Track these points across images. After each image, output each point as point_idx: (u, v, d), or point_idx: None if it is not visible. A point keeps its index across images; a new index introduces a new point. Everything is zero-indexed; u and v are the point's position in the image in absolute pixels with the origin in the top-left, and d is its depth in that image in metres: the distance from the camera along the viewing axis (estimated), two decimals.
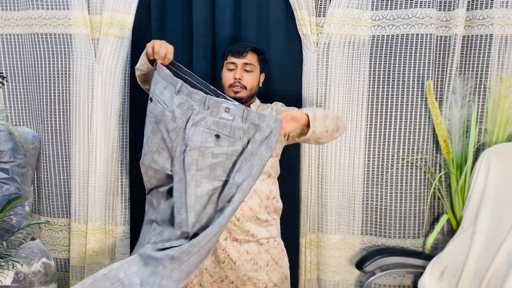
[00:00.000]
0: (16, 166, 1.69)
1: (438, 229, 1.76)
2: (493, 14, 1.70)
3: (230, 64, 1.60)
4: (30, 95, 1.91)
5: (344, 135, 1.84)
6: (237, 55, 1.58)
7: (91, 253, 1.88)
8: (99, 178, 1.85)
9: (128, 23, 1.81)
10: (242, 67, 1.59)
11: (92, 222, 1.87)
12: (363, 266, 1.73)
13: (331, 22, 1.78)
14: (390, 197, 1.83)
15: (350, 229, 1.89)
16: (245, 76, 1.59)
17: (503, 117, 1.68)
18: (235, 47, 1.60)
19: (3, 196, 1.63)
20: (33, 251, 1.59)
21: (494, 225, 1.56)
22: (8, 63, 1.90)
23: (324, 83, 1.81)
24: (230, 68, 1.60)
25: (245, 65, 1.59)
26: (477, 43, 1.75)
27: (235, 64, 1.59)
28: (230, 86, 1.59)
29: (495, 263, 1.49)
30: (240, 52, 1.58)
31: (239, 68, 1.58)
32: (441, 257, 1.65)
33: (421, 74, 1.76)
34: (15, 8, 1.85)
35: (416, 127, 1.79)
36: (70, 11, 1.79)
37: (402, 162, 1.81)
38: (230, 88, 1.59)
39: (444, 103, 1.78)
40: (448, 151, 1.75)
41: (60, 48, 1.83)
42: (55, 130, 1.87)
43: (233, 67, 1.59)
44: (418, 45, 1.74)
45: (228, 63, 1.61)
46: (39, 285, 1.56)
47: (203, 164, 1.35)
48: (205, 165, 1.35)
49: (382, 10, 1.78)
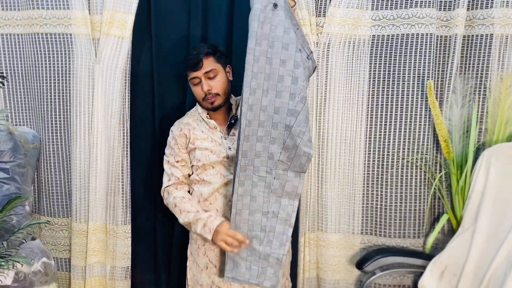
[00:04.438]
0: (16, 166, 1.69)
1: (438, 229, 1.76)
2: (494, 14, 1.70)
3: (193, 79, 1.58)
4: (30, 95, 1.91)
5: (344, 135, 1.83)
6: (194, 69, 1.55)
7: (92, 253, 1.88)
8: (99, 177, 1.85)
9: (128, 23, 1.80)
10: (205, 77, 1.56)
11: (93, 221, 1.87)
12: (363, 266, 1.73)
13: (331, 22, 1.78)
14: (390, 196, 1.83)
15: (350, 228, 1.89)
16: (213, 84, 1.56)
17: (503, 116, 1.68)
18: (188, 61, 1.57)
19: (3, 196, 1.63)
20: (33, 251, 1.60)
21: (494, 225, 1.56)
22: (8, 63, 1.90)
23: (324, 83, 1.81)
24: (195, 83, 1.58)
25: (206, 74, 1.56)
26: (478, 43, 1.74)
27: (197, 77, 1.57)
28: (203, 100, 1.58)
29: (495, 263, 1.49)
30: (195, 65, 1.55)
31: (203, 80, 1.56)
32: (441, 257, 1.65)
33: (422, 74, 1.76)
34: (15, 8, 1.85)
35: (416, 126, 1.79)
36: (71, 11, 1.79)
37: (402, 162, 1.81)
38: (205, 101, 1.58)
39: (444, 103, 1.78)
40: (449, 151, 1.75)
41: (61, 48, 1.83)
42: (55, 130, 1.87)
43: (197, 81, 1.57)
44: (418, 45, 1.74)
45: (191, 79, 1.59)
46: (39, 285, 1.56)
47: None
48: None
49: (382, 10, 1.78)
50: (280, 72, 1.43)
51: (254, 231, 1.50)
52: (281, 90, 1.43)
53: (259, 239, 1.51)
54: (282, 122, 1.45)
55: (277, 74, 1.43)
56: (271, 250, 1.50)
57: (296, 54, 1.43)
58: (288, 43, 1.43)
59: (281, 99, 1.44)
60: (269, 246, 1.50)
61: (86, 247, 1.88)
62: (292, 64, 1.43)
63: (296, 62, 1.43)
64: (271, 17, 1.42)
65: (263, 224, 1.49)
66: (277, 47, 1.42)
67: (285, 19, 1.43)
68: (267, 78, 1.43)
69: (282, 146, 1.46)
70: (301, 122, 1.43)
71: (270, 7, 1.41)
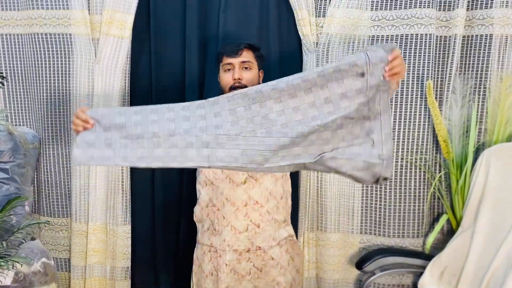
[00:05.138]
0: (16, 166, 1.69)
1: (438, 229, 1.76)
2: (493, 14, 1.70)
3: (227, 65, 1.52)
4: (30, 95, 1.91)
5: None
6: (232, 55, 1.51)
7: (92, 253, 1.88)
8: (99, 178, 1.85)
9: (128, 23, 1.80)
10: (240, 66, 1.51)
11: (93, 222, 1.87)
12: (363, 266, 1.73)
13: (331, 22, 1.78)
14: (389, 196, 1.83)
15: (350, 228, 1.89)
16: (244, 75, 1.51)
17: (503, 117, 1.68)
18: (228, 47, 1.54)
19: (3, 196, 1.63)
20: (33, 251, 1.59)
21: (494, 225, 1.56)
22: (8, 63, 1.90)
23: None
24: (227, 68, 1.53)
25: (242, 63, 1.51)
26: (477, 43, 1.75)
27: (231, 64, 1.51)
28: (230, 88, 1.51)
29: (495, 263, 1.49)
30: (235, 51, 1.51)
31: (237, 68, 1.50)
32: (441, 257, 1.65)
33: (421, 74, 1.76)
34: (15, 8, 1.85)
35: (416, 127, 1.79)
36: (70, 11, 1.79)
37: (402, 162, 1.81)
38: (231, 90, 1.50)
39: (444, 103, 1.78)
40: (448, 151, 1.75)
41: (60, 48, 1.83)
42: (55, 130, 1.87)
43: (230, 67, 1.52)
44: (418, 45, 1.74)
45: (224, 64, 1.53)
46: (39, 285, 1.56)
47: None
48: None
49: (382, 10, 1.78)
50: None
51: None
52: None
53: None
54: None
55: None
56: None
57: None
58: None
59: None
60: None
61: (86, 247, 1.88)
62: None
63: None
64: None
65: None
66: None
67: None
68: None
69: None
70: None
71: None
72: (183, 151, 1.32)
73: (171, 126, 1.32)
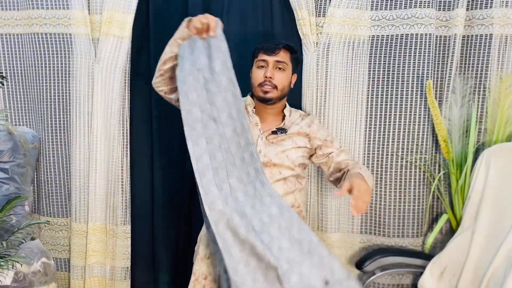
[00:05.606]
0: (15, 166, 1.69)
1: (437, 229, 1.76)
2: (493, 13, 1.70)
3: (261, 61, 1.52)
4: (30, 95, 1.91)
5: (344, 135, 1.84)
6: (268, 53, 1.50)
7: (91, 253, 1.88)
8: (99, 177, 1.85)
9: (128, 23, 1.80)
10: (274, 65, 1.50)
11: (92, 222, 1.87)
12: (363, 265, 1.73)
13: (331, 22, 1.78)
14: (389, 196, 1.83)
15: (350, 227, 1.89)
16: (277, 75, 1.50)
17: (503, 116, 1.68)
18: (267, 44, 1.53)
19: (3, 196, 1.62)
20: (33, 251, 1.59)
21: (494, 225, 1.57)
22: (8, 63, 1.90)
23: (324, 83, 1.81)
24: (260, 65, 1.52)
25: (277, 63, 1.50)
26: (477, 43, 1.75)
27: (266, 61, 1.51)
28: (259, 85, 1.51)
29: (495, 263, 1.49)
30: (272, 49, 1.50)
31: (271, 66, 1.50)
32: (441, 257, 1.65)
33: (421, 74, 1.76)
34: (15, 8, 1.85)
35: (415, 126, 1.79)
36: (70, 10, 1.79)
37: (401, 162, 1.81)
38: (260, 87, 1.51)
39: (444, 103, 1.79)
40: (448, 151, 1.75)
41: (60, 48, 1.83)
42: (55, 130, 1.87)
43: (263, 64, 1.51)
44: (418, 45, 1.74)
45: (258, 60, 1.53)
46: (38, 285, 1.56)
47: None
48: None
49: (382, 10, 1.78)
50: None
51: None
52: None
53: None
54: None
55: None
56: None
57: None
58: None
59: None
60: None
61: (85, 247, 1.88)
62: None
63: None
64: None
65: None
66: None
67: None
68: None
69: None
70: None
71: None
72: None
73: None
